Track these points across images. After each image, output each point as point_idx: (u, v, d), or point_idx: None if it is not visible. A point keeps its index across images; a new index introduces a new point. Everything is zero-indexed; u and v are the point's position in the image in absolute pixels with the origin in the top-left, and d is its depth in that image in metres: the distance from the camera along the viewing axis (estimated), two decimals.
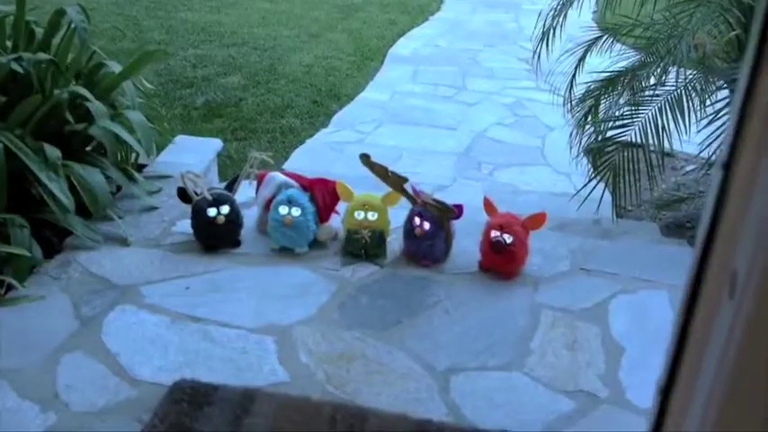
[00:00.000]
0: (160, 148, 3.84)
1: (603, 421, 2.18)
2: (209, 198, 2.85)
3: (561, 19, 3.84)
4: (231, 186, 3.00)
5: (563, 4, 3.85)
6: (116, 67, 3.21)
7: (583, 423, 2.17)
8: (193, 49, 6.98)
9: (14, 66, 2.74)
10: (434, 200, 2.86)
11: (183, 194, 2.92)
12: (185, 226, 3.03)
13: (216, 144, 3.93)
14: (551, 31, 3.88)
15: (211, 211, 2.86)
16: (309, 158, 4.71)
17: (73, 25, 2.99)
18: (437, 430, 2.11)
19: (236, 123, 5.28)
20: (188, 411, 2.13)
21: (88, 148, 3.16)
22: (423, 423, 2.13)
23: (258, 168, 3.10)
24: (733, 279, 0.78)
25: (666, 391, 0.94)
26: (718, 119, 3.18)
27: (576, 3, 3.84)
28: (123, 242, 2.96)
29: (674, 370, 0.95)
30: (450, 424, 2.14)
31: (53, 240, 2.96)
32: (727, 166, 0.78)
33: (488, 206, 2.91)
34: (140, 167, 3.51)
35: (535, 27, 4.04)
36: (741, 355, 0.81)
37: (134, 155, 3.48)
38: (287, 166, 4.46)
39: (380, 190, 2.99)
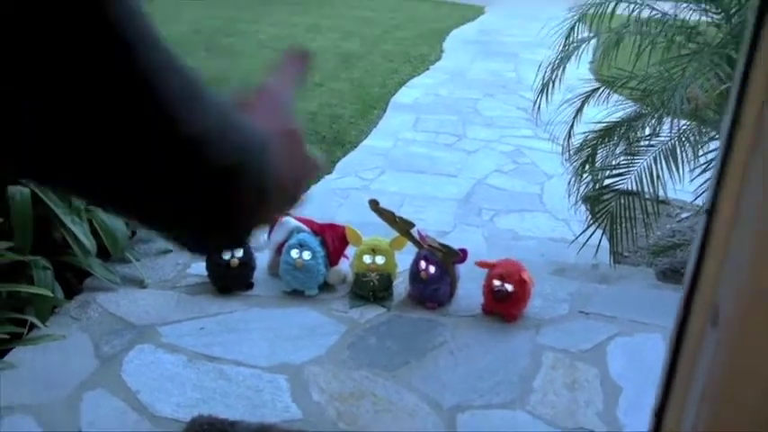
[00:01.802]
0: None
1: None
2: None
3: (560, 72, 4.01)
4: None
5: (561, 58, 4.02)
6: None
7: None
8: None
9: None
10: (440, 244, 2.98)
11: None
12: (199, 268, 3.15)
13: None
14: (551, 84, 4.04)
15: (226, 255, 2.99)
16: (315, 204, 4.84)
17: None
18: None
19: None
20: None
21: None
22: None
23: None
24: (715, 311, 0.91)
25: (660, 414, 1.06)
26: (711, 168, 3.33)
27: (573, 57, 4.01)
28: (140, 284, 3.08)
29: (667, 394, 1.07)
30: None
31: (72, 281, 3.08)
32: (710, 213, 0.91)
33: (484, 264, 3.02)
34: None
35: (535, 79, 4.21)
36: (725, 374, 0.93)
37: None
38: (293, 212, 4.59)
39: (384, 235, 3.11)
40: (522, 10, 13.51)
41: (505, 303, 2.90)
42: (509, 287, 2.87)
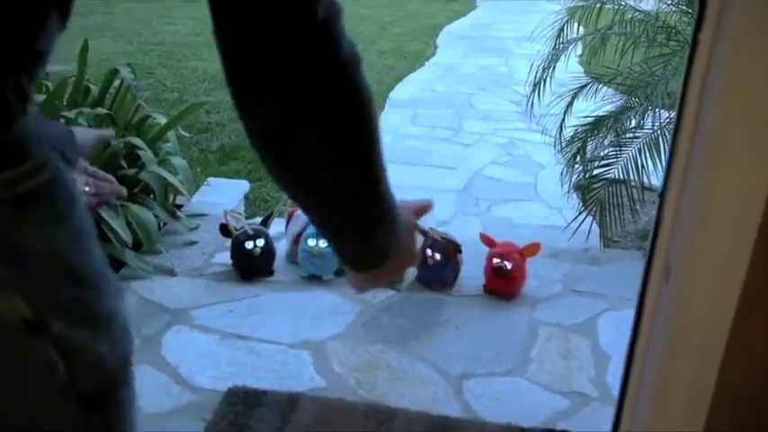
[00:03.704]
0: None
1: (594, 416, 2.57)
2: (251, 232, 3.27)
3: (551, 71, 4.30)
4: (266, 222, 3.42)
5: (552, 57, 4.31)
6: (160, 118, 3.65)
7: (576, 418, 2.57)
8: (206, 96, 7.42)
9: (80, 119, 3.17)
10: (441, 236, 3.28)
11: (225, 229, 3.33)
12: (223, 257, 3.44)
13: (243, 185, 4.37)
14: (542, 82, 4.33)
15: (249, 244, 3.28)
16: None
17: (125, 84, 3.43)
18: (453, 424, 2.51)
19: (251, 166, 5.68)
20: (243, 411, 2.52)
21: (135, 190, 3.57)
22: (441, 419, 2.53)
23: (288, 207, 3.53)
24: (667, 270, 1.21)
25: (629, 361, 1.36)
26: None
27: (563, 56, 4.30)
28: (170, 272, 3.36)
29: (633, 343, 1.36)
30: (464, 419, 2.54)
31: None
32: (662, 196, 1.20)
33: (486, 240, 3.33)
34: (178, 207, 3.92)
35: (528, 75, 4.50)
36: (675, 318, 1.23)
37: (171, 195, 3.90)
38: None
39: None
40: (510, 4, 13.79)
41: (505, 279, 3.19)
42: (508, 264, 3.17)
